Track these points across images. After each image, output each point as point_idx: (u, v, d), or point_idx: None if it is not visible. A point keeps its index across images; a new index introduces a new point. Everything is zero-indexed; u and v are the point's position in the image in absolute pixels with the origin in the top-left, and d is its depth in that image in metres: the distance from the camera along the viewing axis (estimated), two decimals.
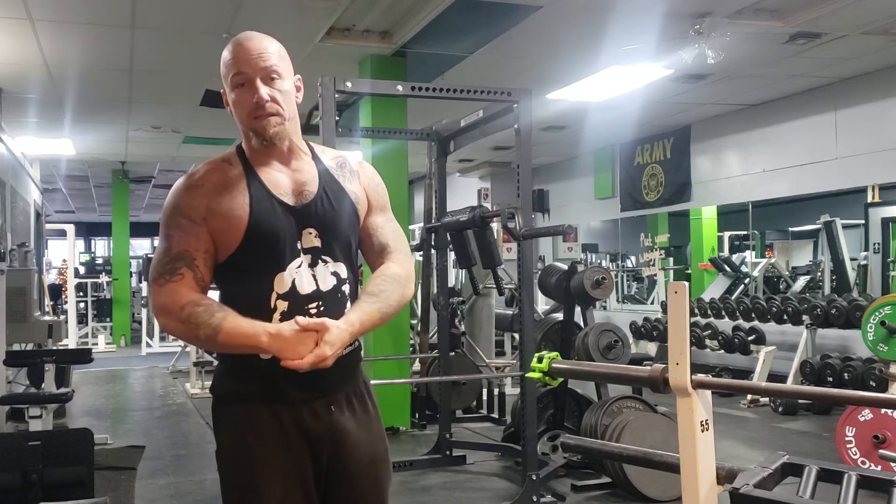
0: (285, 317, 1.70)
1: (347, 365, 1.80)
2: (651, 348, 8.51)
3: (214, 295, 1.75)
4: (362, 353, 1.93)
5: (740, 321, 7.56)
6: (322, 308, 1.73)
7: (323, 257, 1.76)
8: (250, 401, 1.74)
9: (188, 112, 8.21)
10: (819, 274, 10.36)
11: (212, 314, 1.63)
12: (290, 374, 1.63)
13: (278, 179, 1.77)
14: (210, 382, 6.02)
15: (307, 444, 1.74)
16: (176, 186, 1.77)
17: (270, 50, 1.75)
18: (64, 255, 15.40)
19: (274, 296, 1.71)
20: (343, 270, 1.79)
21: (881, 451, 3.82)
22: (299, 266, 1.73)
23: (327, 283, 1.75)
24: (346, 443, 1.77)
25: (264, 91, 1.71)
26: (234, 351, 1.67)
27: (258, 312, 1.68)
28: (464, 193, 12.09)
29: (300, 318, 1.64)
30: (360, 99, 6.28)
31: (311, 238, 1.75)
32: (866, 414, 4.32)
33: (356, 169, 1.89)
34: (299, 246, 1.74)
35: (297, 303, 1.71)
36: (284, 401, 1.73)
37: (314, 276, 1.74)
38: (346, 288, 1.79)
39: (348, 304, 1.79)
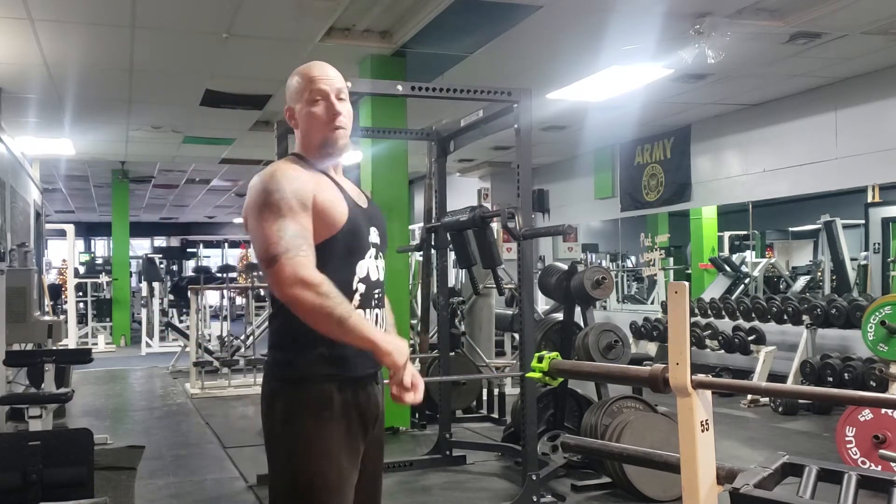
0: (362, 297, 1.96)
1: None
2: (651, 348, 8.51)
3: None
4: None
5: (740, 321, 7.56)
6: (379, 294, 2.03)
7: (380, 252, 2.05)
8: (323, 382, 1.89)
9: (188, 112, 8.21)
10: (819, 274, 10.35)
11: (343, 300, 1.79)
12: (361, 351, 1.84)
13: (347, 185, 2.03)
14: (210, 382, 6.02)
15: (361, 422, 1.94)
16: (277, 174, 1.88)
17: (338, 76, 2.04)
18: (64, 255, 15.40)
19: (356, 279, 1.95)
20: (384, 266, 2.09)
21: (881, 451, 3.82)
22: (370, 257, 2.00)
23: (382, 274, 2.06)
24: (380, 416, 2.02)
25: (340, 106, 1.98)
26: (349, 340, 1.80)
27: (344, 291, 1.84)
28: (464, 193, 12.10)
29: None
30: (359, 99, 6.27)
31: (375, 235, 2.03)
32: (866, 414, 4.32)
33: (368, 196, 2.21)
34: (370, 240, 2.01)
35: (370, 287, 1.99)
36: (354, 376, 1.91)
37: (377, 266, 2.03)
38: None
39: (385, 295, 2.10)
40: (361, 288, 1.95)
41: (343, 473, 1.87)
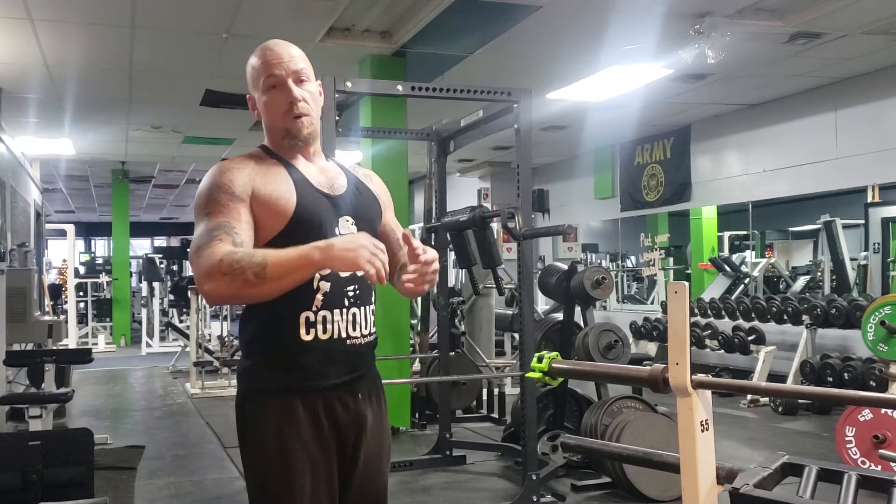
0: (327, 297, 1.77)
1: (370, 352, 1.91)
2: (651, 348, 8.51)
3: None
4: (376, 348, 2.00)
5: (740, 321, 7.56)
6: (357, 290, 1.82)
7: None
8: (286, 393, 1.78)
9: (188, 112, 8.21)
10: (819, 274, 10.35)
11: (252, 254, 1.62)
12: (327, 356, 1.76)
13: (312, 172, 1.86)
14: (210, 382, 6.02)
15: (336, 435, 1.80)
16: (211, 173, 1.79)
17: (297, 55, 1.85)
18: (64, 255, 15.40)
19: (317, 276, 1.75)
20: None
21: (881, 451, 3.81)
22: None
23: None
24: (366, 432, 1.85)
25: (297, 92, 1.80)
26: (285, 282, 1.62)
27: (301, 292, 1.71)
28: (464, 193, 12.10)
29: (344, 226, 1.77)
30: (360, 99, 6.28)
31: (348, 225, 1.83)
32: (866, 414, 4.32)
33: (368, 174, 2.04)
34: (338, 232, 1.80)
35: (338, 284, 1.79)
36: (319, 388, 1.78)
37: None
38: None
39: (374, 291, 1.89)
40: (325, 286, 1.77)
41: (307, 490, 1.75)
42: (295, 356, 1.77)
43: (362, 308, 1.84)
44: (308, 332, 1.76)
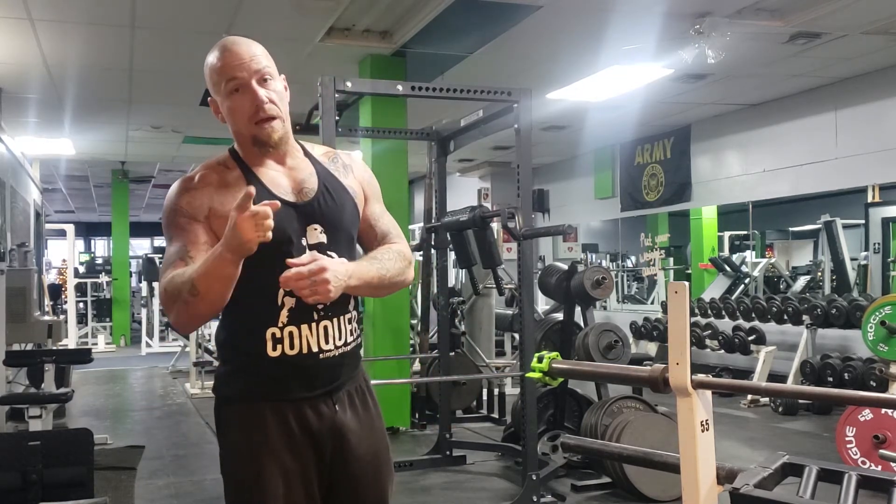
0: (293, 313, 1.71)
1: (350, 361, 1.82)
2: (651, 348, 8.51)
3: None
4: (362, 351, 1.94)
5: (740, 321, 7.56)
6: (329, 302, 1.71)
7: (328, 252, 1.73)
8: (255, 401, 1.75)
9: (188, 112, 8.20)
10: (819, 274, 10.35)
11: (182, 273, 1.60)
12: (296, 371, 1.70)
13: (277, 179, 1.76)
14: (210, 382, 6.02)
15: (311, 443, 1.75)
16: (172, 190, 1.75)
17: (259, 52, 1.75)
18: (64, 255, 15.39)
19: (281, 293, 1.70)
20: None
21: (881, 451, 3.81)
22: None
23: None
24: (349, 441, 1.79)
25: (263, 93, 1.71)
26: (218, 286, 1.59)
27: (266, 309, 1.70)
28: (464, 193, 12.09)
29: (314, 253, 1.63)
30: (359, 99, 6.28)
31: (316, 234, 1.75)
32: (866, 414, 4.31)
33: (348, 162, 1.90)
34: (304, 242, 1.73)
35: None
36: (289, 399, 1.74)
37: None
38: None
39: (352, 299, 1.81)
40: (290, 302, 1.70)
41: (279, 496, 1.71)
42: (263, 369, 1.72)
43: (335, 319, 1.77)
44: (275, 349, 1.71)
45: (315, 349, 1.73)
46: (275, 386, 1.73)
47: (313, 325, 1.73)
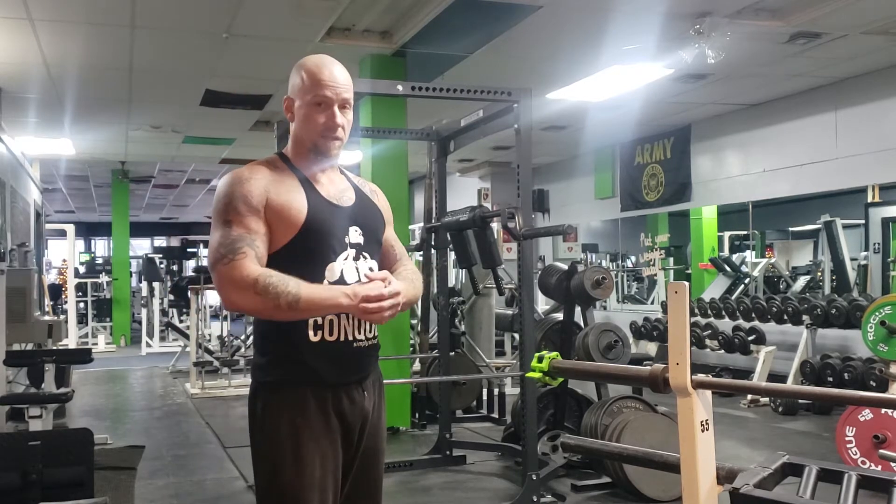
0: None
1: (375, 353, 2.02)
2: (651, 348, 8.51)
3: None
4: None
5: (740, 321, 7.56)
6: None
7: (364, 253, 1.95)
8: (298, 386, 1.87)
9: (188, 112, 8.21)
10: (819, 274, 10.36)
11: (286, 283, 1.76)
12: (334, 357, 1.87)
13: (325, 183, 1.97)
14: (210, 382, 6.02)
15: (343, 429, 1.91)
16: (230, 180, 1.88)
17: (349, 83, 1.95)
18: (64, 255, 15.40)
19: (325, 283, 1.86)
20: (376, 268, 1.98)
21: (881, 451, 3.81)
22: (346, 258, 1.91)
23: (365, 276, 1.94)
24: (367, 429, 1.97)
25: (340, 118, 1.92)
26: (314, 315, 1.83)
27: None
28: (464, 193, 12.10)
29: (369, 272, 1.89)
30: (359, 99, 6.28)
31: (356, 235, 1.95)
32: (866, 414, 4.32)
33: (374, 189, 2.15)
34: (347, 240, 1.93)
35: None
36: (327, 384, 1.88)
37: (357, 268, 1.92)
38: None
39: None
40: None
41: (315, 479, 1.84)
42: (303, 355, 1.86)
43: None
44: (316, 334, 1.86)
45: (350, 337, 1.91)
46: (315, 372, 1.87)
47: (350, 314, 1.88)
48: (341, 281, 1.88)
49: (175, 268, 17.18)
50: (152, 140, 9.82)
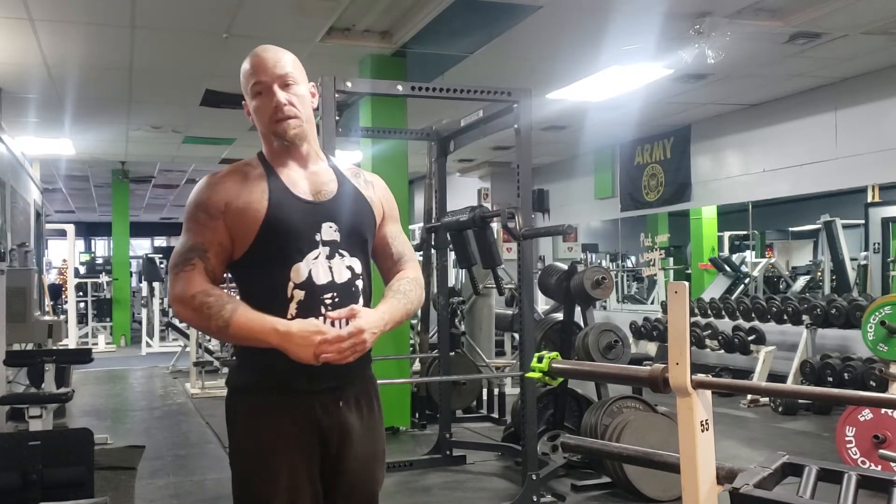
0: (302, 306, 1.77)
1: (358, 363, 1.83)
2: (651, 348, 8.51)
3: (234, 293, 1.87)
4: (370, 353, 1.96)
5: (740, 321, 7.56)
6: (337, 299, 1.80)
7: (340, 251, 1.84)
8: (264, 393, 1.81)
9: (188, 112, 8.21)
10: (819, 274, 10.35)
11: (222, 305, 1.72)
12: (303, 368, 1.72)
13: (296, 179, 1.87)
14: (210, 382, 6.03)
15: (318, 439, 1.81)
16: (199, 184, 1.88)
17: (286, 59, 1.87)
18: (64, 255, 15.40)
19: (290, 285, 1.78)
20: (358, 266, 1.87)
21: (881, 451, 3.81)
22: (316, 257, 1.81)
23: (342, 276, 1.83)
24: (351, 440, 1.85)
25: (282, 96, 1.83)
26: (245, 343, 1.75)
27: (275, 302, 1.76)
28: (464, 193, 12.09)
29: (330, 312, 1.76)
30: (360, 99, 6.27)
31: (330, 231, 1.84)
32: (866, 414, 4.31)
33: (370, 180, 2.01)
34: (318, 238, 1.82)
35: (314, 292, 1.79)
36: (297, 392, 1.80)
37: (330, 267, 1.81)
38: (359, 283, 1.87)
39: (361, 299, 1.86)
40: (300, 294, 1.77)
41: (283, 487, 1.77)
42: (272, 362, 1.75)
43: None
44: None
45: None
46: (283, 379, 1.78)
47: (321, 319, 1.77)
48: (309, 282, 1.78)
49: None
50: (152, 140, 9.82)
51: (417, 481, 4.75)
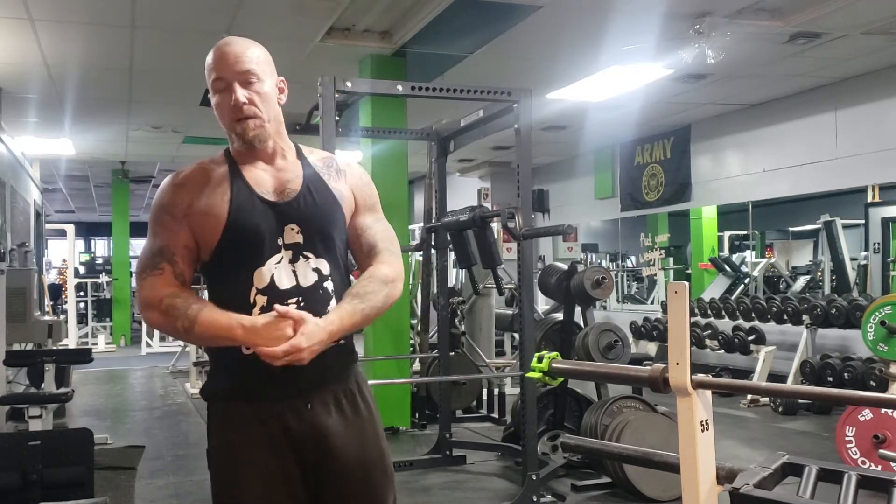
0: (265, 311, 1.70)
1: (333, 364, 1.78)
2: (651, 348, 8.51)
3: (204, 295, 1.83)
4: (357, 353, 1.92)
5: (740, 321, 7.56)
6: (302, 303, 1.72)
7: (304, 253, 1.76)
8: (233, 399, 1.77)
9: (188, 112, 8.21)
10: (819, 274, 10.35)
11: (188, 306, 1.68)
12: (270, 371, 1.65)
13: (261, 178, 1.79)
14: None
15: (290, 444, 1.74)
16: (162, 185, 1.83)
17: (248, 54, 1.78)
18: (64, 255, 15.40)
19: (253, 290, 1.72)
20: (325, 267, 1.78)
21: (881, 450, 3.81)
22: (279, 261, 1.74)
23: (308, 279, 1.75)
24: (332, 444, 1.76)
25: (241, 94, 1.75)
26: (212, 343, 1.73)
27: (239, 307, 1.71)
28: (464, 193, 12.09)
29: (279, 306, 1.66)
30: (359, 99, 6.27)
31: (292, 234, 1.76)
32: (866, 414, 4.31)
33: (343, 168, 1.90)
34: (280, 242, 1.75)
35: (277, 298, 1.71)
36: (266, 398, 1.74)
37: (294, 271, 1.75)
38: (328, 285, 1.78)
39: (333, 301, 1.77)
40: (262, 300, 1.71)
41: (256, 496, 1.72)
42: (238, 368, 1.73)
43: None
44: (248, 348, 1.67)
45: None
46: (251, 385, 1.74)
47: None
48: (272, 287, 1.71)
49: None
50: (152, 140, 9.82)
51: (417, 481, 4.75)
